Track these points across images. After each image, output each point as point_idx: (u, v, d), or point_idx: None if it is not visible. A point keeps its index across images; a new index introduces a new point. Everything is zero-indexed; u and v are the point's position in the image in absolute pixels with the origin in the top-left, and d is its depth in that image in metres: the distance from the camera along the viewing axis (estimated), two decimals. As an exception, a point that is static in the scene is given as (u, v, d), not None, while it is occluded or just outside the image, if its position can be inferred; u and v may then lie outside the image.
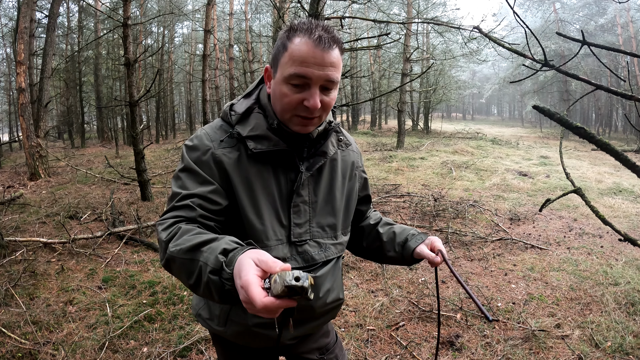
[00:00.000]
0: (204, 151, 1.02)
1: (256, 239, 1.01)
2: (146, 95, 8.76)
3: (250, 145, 1.01)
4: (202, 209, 0.96)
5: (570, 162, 10.52)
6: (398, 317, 2.86)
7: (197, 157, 1.02)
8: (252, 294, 0.64)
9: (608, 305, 2.98)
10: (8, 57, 16.86)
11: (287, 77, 0.94)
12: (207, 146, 1.02)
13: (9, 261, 3.75)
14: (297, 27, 0.94)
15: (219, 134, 1.05)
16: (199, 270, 0.78)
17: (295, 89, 0.95)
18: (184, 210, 0.95)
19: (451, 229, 4.66)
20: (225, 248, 0.77)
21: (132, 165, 6.71)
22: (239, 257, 0.72)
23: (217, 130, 1.06)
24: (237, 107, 1.07)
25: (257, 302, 0.63)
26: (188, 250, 0.81)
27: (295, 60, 0.92)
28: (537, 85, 25.53)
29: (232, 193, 1.01)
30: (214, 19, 13.77)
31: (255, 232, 1.01)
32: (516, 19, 1.78)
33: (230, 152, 1.02)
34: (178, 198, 0.97)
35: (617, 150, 1.70)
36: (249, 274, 0.66)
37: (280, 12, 5.25)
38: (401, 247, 1.19)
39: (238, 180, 1.00)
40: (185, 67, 21.79)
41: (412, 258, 1.18)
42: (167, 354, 2.42)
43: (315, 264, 1.09)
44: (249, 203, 1.01)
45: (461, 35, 7.62)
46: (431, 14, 17.83)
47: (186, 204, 0.95)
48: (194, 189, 0.98)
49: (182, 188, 0.99)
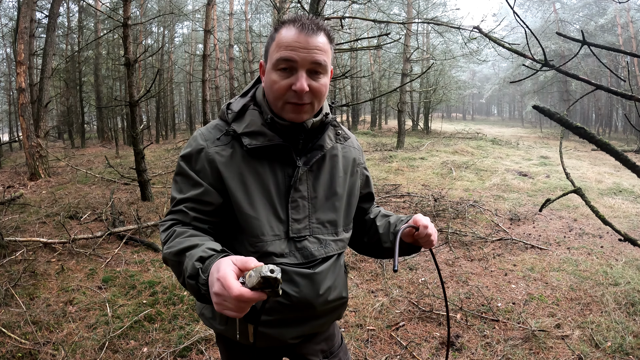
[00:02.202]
0: (197, 151, 1.04)
1: (252, 234, 1.02)
2: (146, 95, 8.76)
3: (245, 141, 1.02)
4: (194, 212, 1.01)
5: (570, 162, 10.52)
6: (398, 317, 2.86)
7: (189, 158, 1.05)
8: (229, 283, 0.70)
9: (608, 306, 2.98)
10: (8, 57, 16.86)
11: (275, 63, 0.97)
12: (201, 145, 1.04)
13: (9, 261, 3.75)
14: (284, 20, 1.00)
15: (214, 133, 1.07)
16: (182, 273, 0.87)
17: (283, 73, 0.97)
18: (179, 214, 1.02)
19: (451, 229, 4.66)
20: (201, 256, 0.84)
21: (132, 165, 6.71)
22: (214, 262, 0.79)
23: (212, 129, 1.08)
24: (234, 105, 1.09)
25: (233, 290, 0.69)
26: (176, 254, 0.90)
27: (281, 46, 0.96)
28: (537, 85, 25.53)
29: (225, 191, 1.03)
30: (214, 19, 13.77)
31: (250, 228, 1.02)
32: (516, 19, 1.78)
33: (224, 150, 1.04)
34: (175, 202, 1.04)
35: (617, 150, 1.70)
36: (226, 269, 0.73)
37: (280, 12, 5.24)
38: (394, 235, 1.17)
39: (231, 177, 1.02)
40: (185, 67, 21.79)
41: (407, 246, 1.16)
42: (167, 354, 2.42)
43: (315, 260, 1.08)
44: (244, 199, 1.02)
45: (461, 36, 7.62)
46: (431, 14, 17.83)
47: (180, 209, 1.02)
48: (187, 192, 1.03)
49: (178, 192, 1.04)
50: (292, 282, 1.04)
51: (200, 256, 0.83)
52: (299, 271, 1.05)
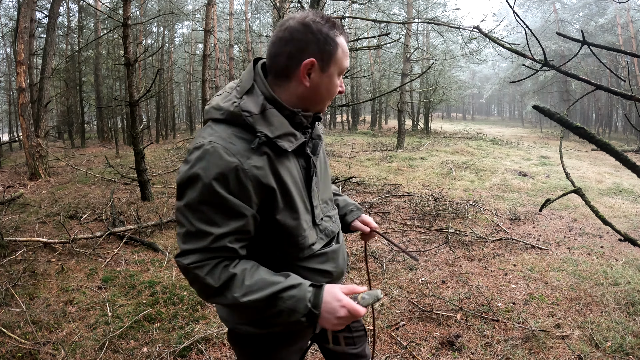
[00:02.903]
0: (230, 170, 0.90)
1: (295, 234, 1.04)
2: (146, 95, 8.75)
3: (283, 145, 0.97)
4: (239, 243, 0.96)
5: (570, 162, 10.52)
6: (398, 317, 2.86)
7: (221, 181, 0.89)
8: (355, 308, 0.97)
9: (608, 305, 2.98)
10: (8, 57, 16.85)
11: (342, 70, 1.03)
12: (232, 163, 0.90)
13: (9, 261, 3.75)
14: (334, 23, 1.00)
15: (239, 143, 0.93)
16: (278, 313, 0.95)
17: (338, 79, 1.05)
18: (223, 251, 0.94)
19: (451, 229, 4.66)
20: (306, 296, 0.96)
21: (132, 165, 6.71)
22: (321, 297, 0.96)
23: (231, 138, 0.94)
24: (250, 107, 0.96)
25: (360, 312, 0.97)
26: (264, 299, 0.94)
27: (345, 54, 1.03)
28: (537, 85, 25.51)
29: (266, 206, 0.97)
30: (214, 19, 13.77)
31: (294, 229, 1.04)
32: (516, 19, 1.78)
33: (259, 161, 0.93)
34: (211, 240, 0.91)
35: (617, 150, 1.70)
36: (346, 297, 0.98)
37: (280, 12, 5.24)
38: (340, 218, 1.35)
39: (275, 188, 0.96)
40: (185, 67, 21.78)
41: (347, 229, 1.39)
42: (167, 354, 2.42)
43: (335, 236, 1.20)
44: (288, 204, 1.01)
45: (461, 35, 7.62)
46: (431, 14, 17.84)
47: (223, 246, 0.93)
48: (226, 226, 0.92)
49: (211, 225, 0.91)
50: (332, 260, 1.15)
51: (306, 297, 0.95)
52: (331, 249, 1.15)
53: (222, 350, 2.48)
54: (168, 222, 4.94)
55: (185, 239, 0.94)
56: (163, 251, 4.14)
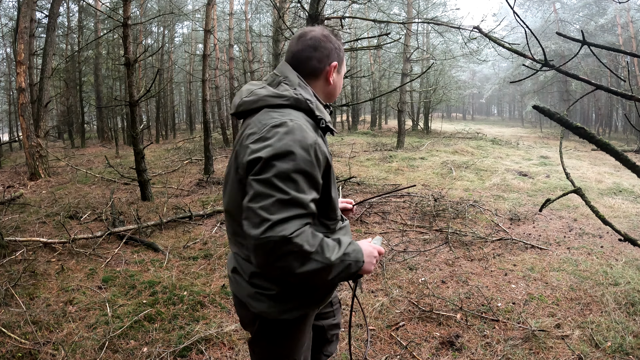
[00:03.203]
0: (312, 143, 1.04)
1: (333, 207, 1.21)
2: (146, 95, 8.75)
3: (334, 129, 1.22)
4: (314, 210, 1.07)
5: (570, 162, 10.52)
6: (398, 317, 2.86)
7: (310, 153, 1.03)
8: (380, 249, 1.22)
9: (608, 305, 2.98)
10: (8, 57, 16.85)
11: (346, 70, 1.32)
12: (313, 139, 1.05)
13: (9, 261, 3.75)
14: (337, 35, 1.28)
15: (309, 124, 1.11)
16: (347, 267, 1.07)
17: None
18: (309, 217, 1.02)
19: (451, 229, 4.66)
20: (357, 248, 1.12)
21: (132, 165, 6.71)
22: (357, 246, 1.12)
23: (304, 119, 1.11)
24: (308, 96, 1.15)
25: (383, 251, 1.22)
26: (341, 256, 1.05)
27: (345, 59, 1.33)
28: (537, 85, 25.52)
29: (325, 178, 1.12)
30: (214, 19, 13.76)
31: (333, 203, 1.20)
32: (516, 19, 1.78)
33: (322, 140, 1.13)
34: (305, 205, 1.00)
35: (617, 150, 1.70)
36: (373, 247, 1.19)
37: (280, 12, 5.24)
38: None
39: (331, 164, 1.15)
40: (185, 67, 21.78)
41: None
42: (167, 354, 2.42)
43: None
44: (333, 180, 1.20)
45: (461, 35, 7.62)
46: (431, 14, 17.84)
47: (313, 212, 1.03)
48: (311, 193, 1.03)
49: (303, 192, 1.00)
50: (349, 233, 1.34)
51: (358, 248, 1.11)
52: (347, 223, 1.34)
53: (222, 350, 2.48)
54: (168, 222, 4.94)
55: (276, 209, 0.96)
56: (163, 251, 4.14)
